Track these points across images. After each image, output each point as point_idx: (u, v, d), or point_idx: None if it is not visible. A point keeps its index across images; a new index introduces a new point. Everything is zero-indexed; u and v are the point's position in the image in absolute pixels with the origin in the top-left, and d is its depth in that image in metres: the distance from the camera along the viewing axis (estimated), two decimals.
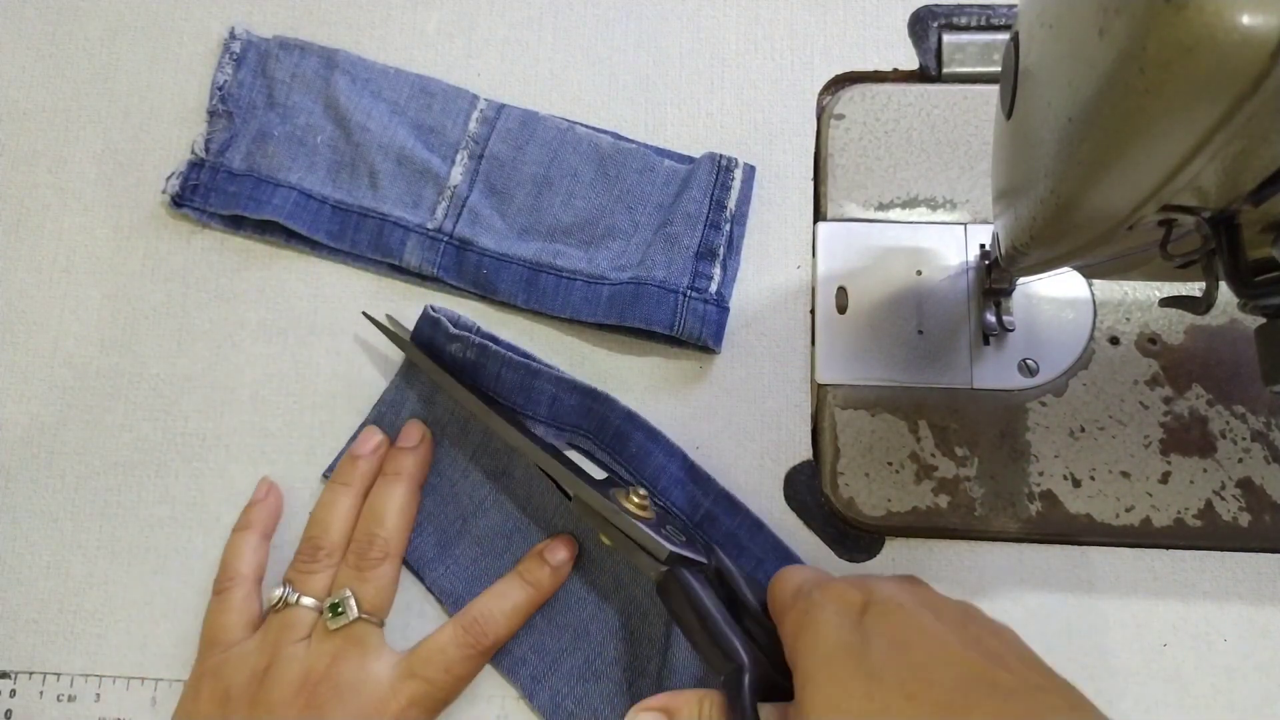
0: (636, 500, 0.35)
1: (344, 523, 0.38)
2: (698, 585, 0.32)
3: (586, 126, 0.43)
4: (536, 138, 0.43)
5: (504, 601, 0.37)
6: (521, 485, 0.39)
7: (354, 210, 0.42)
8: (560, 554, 0.38)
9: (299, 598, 0.36)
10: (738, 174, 0.42)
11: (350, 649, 0.35)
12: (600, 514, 0.34)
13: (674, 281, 0.39)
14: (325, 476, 0.40)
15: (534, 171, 0.42)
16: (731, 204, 0.41)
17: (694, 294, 0.39)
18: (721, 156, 0.42)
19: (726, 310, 0.40)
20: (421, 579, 0.39)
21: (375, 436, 0.40)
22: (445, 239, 0.42)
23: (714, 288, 0.40)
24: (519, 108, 0.44)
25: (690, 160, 0.43)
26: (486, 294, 0.41)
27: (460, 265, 0.41)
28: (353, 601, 0.35)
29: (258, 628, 0.37)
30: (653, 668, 0.36)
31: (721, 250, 0.41)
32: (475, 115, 0.44)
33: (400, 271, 0.42)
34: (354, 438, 0.40)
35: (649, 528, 0.33)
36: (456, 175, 0.43)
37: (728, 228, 0.41)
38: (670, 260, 0.40)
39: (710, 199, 0.41)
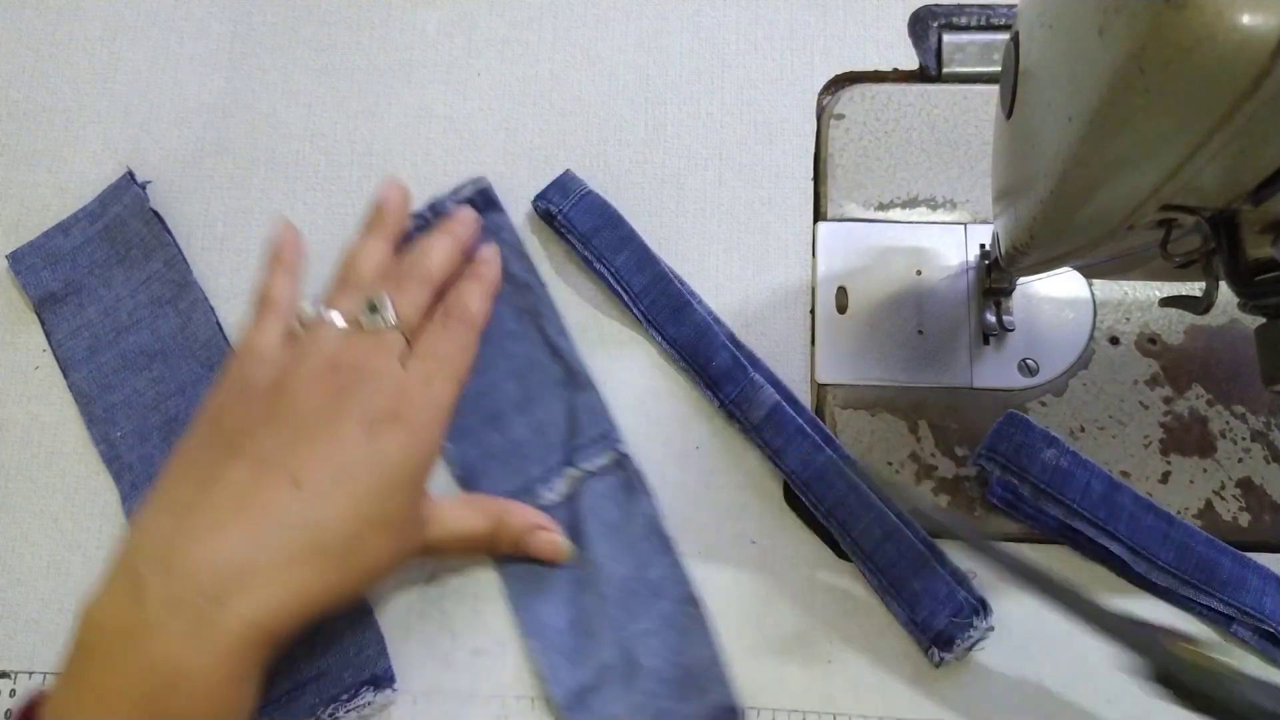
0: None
1: (378, 259, 0.37)
2: None
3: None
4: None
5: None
6: (181, 316, 0.42)
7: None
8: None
9: (329, 313, 0.35)
10: None
11: (379, 347, 0.34)
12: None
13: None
14: None
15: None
16: None
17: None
18: None
19: None
20: (66, 376, 0.42)
21: (397, 186, 0.39)
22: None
23: None
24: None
25: None
26: None
27: None
28: (389, 305, 0.34)
29: None
30: None
31: None
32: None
33: None
34: None
35: None
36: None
37: None
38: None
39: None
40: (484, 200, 0.43)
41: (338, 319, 0.35)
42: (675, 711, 0.36)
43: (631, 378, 0.41)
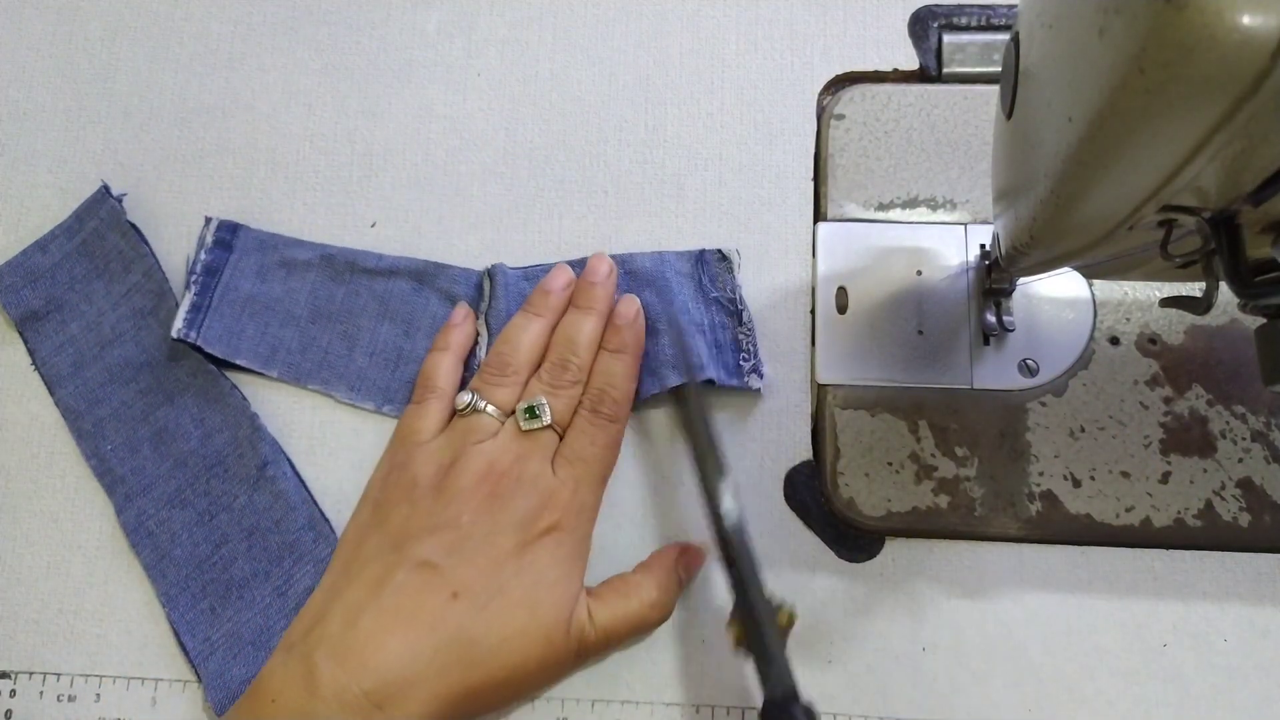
0: (786, 619, 0.35)
1: (532, 346, 0.39)
2: None
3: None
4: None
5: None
6: (163, 325, 0.42)
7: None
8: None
9: (486, 405, 0.38)
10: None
11: (535, 450, 0.37)
12: (756, 619, 0.34)
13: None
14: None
15: None
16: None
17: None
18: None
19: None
20: (52, 393, 0.42)
21: (566, 274, 0.41)
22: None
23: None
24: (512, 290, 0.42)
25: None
26: None
27: None
28: (547, 409, 0.37)
29: None
30: (239, 504, 0.40)
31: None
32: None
33: None
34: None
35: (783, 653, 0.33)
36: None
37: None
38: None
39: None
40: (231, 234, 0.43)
41: (493, 414, 0.38)
42: None
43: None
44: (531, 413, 0.37)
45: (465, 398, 0.38)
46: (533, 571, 0.35)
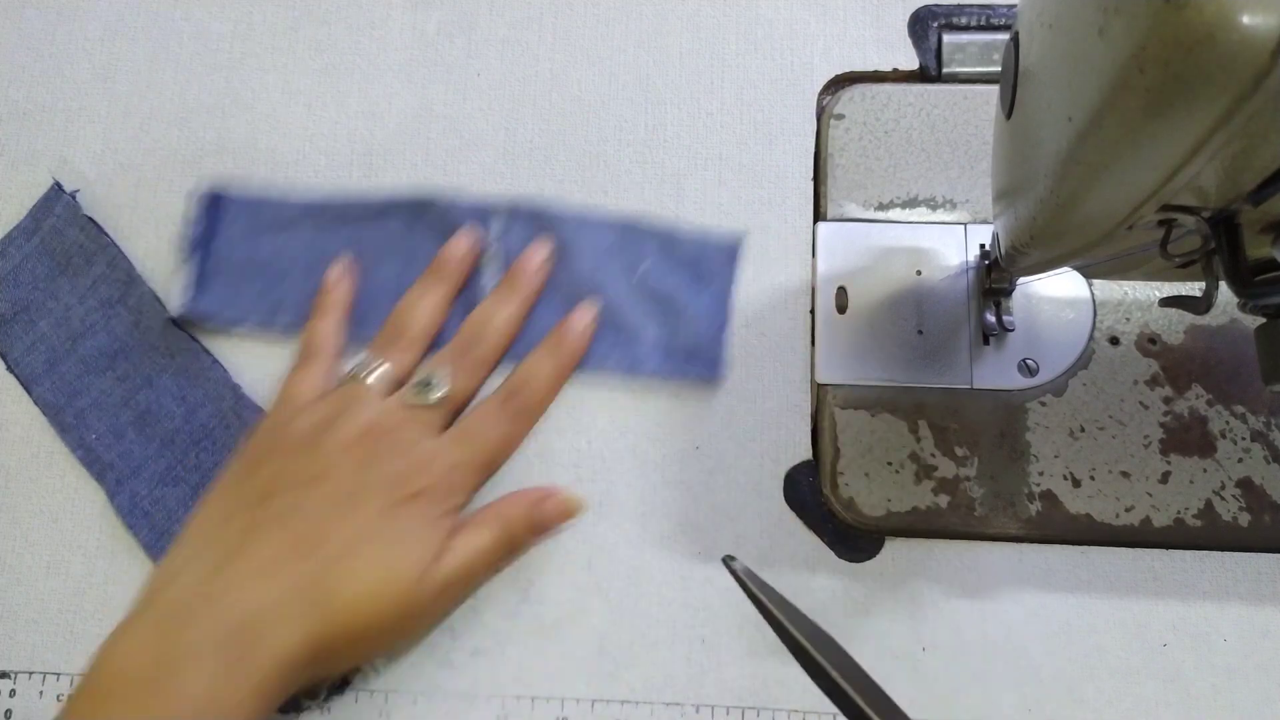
0: None
1: (428, 315, 0.39)
2: None
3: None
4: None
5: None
6: (133, 312, 0.42)
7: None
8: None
9: (373, 372, 0.37)
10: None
11: (417, 420, 0.37)
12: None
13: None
14: None
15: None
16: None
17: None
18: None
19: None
20: (29, 392, 0.42)
21: (469, 239, 0.41)
22: None
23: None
24: (526, 210, 0.42)
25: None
26: None
27: None
28: (443, 385, 0.37)
29: None
30: None
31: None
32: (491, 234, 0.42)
33: None
34: None
35: None
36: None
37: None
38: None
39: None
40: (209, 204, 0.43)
41: (380, 381, 0.37)
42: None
43: (632, 377, 0.41)
44: (424, 386, 0.37)
45: (353, 363, 0.37)
46: (392, 533, 0.35)
